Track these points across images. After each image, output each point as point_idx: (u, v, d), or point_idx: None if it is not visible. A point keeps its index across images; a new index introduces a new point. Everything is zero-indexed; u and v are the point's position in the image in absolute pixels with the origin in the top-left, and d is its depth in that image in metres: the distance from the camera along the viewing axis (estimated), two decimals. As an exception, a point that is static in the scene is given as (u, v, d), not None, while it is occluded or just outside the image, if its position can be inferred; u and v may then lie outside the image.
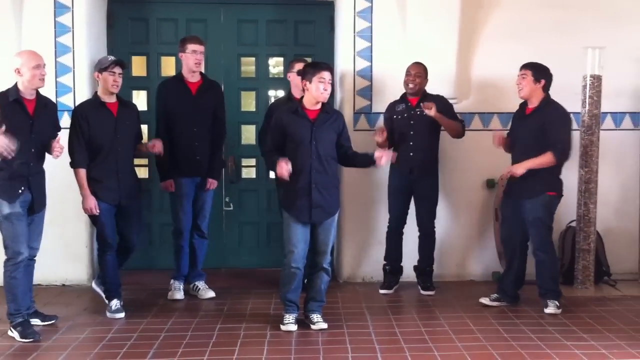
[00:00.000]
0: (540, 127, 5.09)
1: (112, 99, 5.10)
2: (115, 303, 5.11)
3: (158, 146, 5.17)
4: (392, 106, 5.75)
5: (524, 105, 5.27)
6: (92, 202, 4.97)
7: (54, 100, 5.39)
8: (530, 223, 5.17)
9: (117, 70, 5.02)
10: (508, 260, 5.44)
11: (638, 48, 5.90)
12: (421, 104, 5.53)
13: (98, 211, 5.00)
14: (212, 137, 5.54)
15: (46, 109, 4.78)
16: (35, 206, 4.70)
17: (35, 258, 4.82)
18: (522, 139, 5.19)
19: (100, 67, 5.01)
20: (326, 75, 4.67)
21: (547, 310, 5.15)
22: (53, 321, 4.90)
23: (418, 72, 5.61)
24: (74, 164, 4.97)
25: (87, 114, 5.01)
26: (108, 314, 5.08)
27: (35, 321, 4.82)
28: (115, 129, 5.05)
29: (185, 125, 5.45)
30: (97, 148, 5.00)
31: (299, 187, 4.71)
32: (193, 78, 5.52)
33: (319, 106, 4.74)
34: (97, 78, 5.05)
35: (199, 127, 5.47)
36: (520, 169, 5.07)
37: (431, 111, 5.45)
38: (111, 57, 5.09)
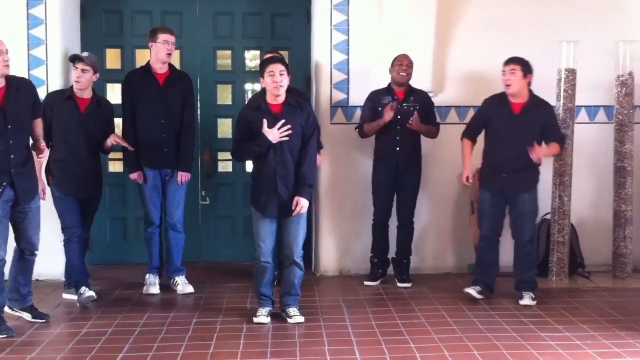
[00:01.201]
0: (538, 124, 5.17)
1: (85, 94, 5.07)
2: (84, 288, 5.12)
3: (113, 140, 5.20)
4: (377, 97, 5.71)
5: (503, 100, 5.25)
6: (40, 186, 4.95)
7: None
8: (526, 214, 5.25)
9: (80, 65, 5.01)
10: (485, 254, 5.43)
11: (612, 42, 5.94)
12: (398, 118, 5.52)
13: (45, 197, 5.06)
14: (180, 127, 5.49)
15: (18, 93, 4.49)
16: (21, 199, 4.56)
17: (36, 252, 4.78)
18: (518, 136, 5.13)
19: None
20: (274, 67, 4.62)
21: (522, 302, 5.19)
22: (44, 320, 4.81)
23: (409, 63, 5.61)
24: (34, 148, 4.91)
25: (52, 103, 5.07)
26: (80, 299, 5.09)
27: (26, 315, 4.78)
28: (79, 125, 5.05)
29: (152, 116, 5.41)
30: (56, 139, 5.05)
31: (264, 182, 4.71)
32: (161, 69, 5.47)
33: (281, 99, 4.70)
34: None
35: (167, 119, 5.42)
36: (543, 153, 5.17)
37: (414, 125, 5.50)
38: (85, 53, 5.09)
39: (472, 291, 5.32)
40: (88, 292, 5.11)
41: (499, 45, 5.91)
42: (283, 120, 4.60)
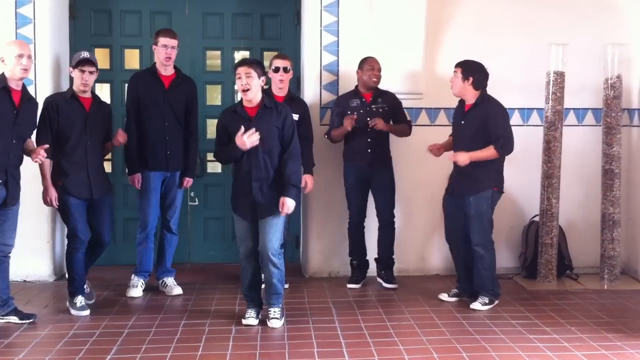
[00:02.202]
0: (480, 123, 5.13)
1: (86, 95, 5.06)
2: (80, 300, 5.03)
3: (122, 136, 5.14)
4: (344, 101, 5.73)
5: (462, 102, 5.31)
6: (52, 194, 4.92)
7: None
8: (472, 217, 5.18)
9: (87, 68, 4.97)
10: (454, 256, 5.47)
11: (600, 45, 5.97)
12: (368, 121, 5.54)
13: (57, 204, 4.95)
14: (184, 134, 5.50)
15: (30, 103, 4.76)
16: (9, 200, 4.60)
17: (9, 255, 4.75)
18: (463, 136, 5.22)
19: (73, 63, 5.01)
20: (240, 70, 4.61)
21: (472, 305, 5.16)
22: (31, 320, 4.78)
23: (379, 67, 5.64)
24: None
25: (57, 105, 4.99)
26: (73, 312, 5.00)
27: (13, 319, 4.75)
28: (86, 124, 5.00)
29: (156, 118, 5.40)
30: (65, 140, 4.96)
31: (239, 184, 4.73)
32: (166, 71, 5.46)
33: (256, 102, 4.69)
34: (71, 73, 5.06)
35: (170, 122, 5.42)
36: (465, 157, 5.08)
37: (380, 127, 5.51)
38: (84, 54, 5.03)
39: (444, 295, 5.40)
40: (83, 311, 4.98)
41: (488, 47, 5.95)
42: (253, 129, 4.59)
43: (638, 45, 6.13)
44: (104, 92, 6.43)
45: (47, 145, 4.73)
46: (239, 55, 6.58)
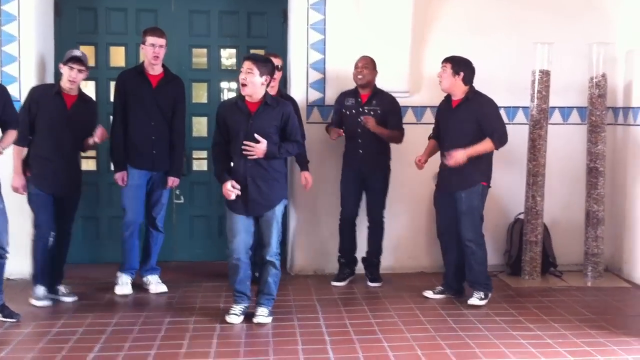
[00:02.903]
0: (472, 119, 5.15)
1: (72, 92, 5.05)
2: (40, 289, 5.10)
3: (99, 136, 5.14)
4: (342, 98, 5.76)
5: (449, 98, 5.32)
6: (19, 182, 4.98)
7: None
8: (464, 213, 5.19)
9: (76, 66, 4.97)
10: (444, 253, 5.49)
11: (585, 44, 6.00)
12: (360, 118, 5.55)
13: (25, 193, 5.02)
14: (171, 133, 5.48)
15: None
16: None
17: (7, 255, 4.76)
18: (452, 132, 5.23)
19: (64, 60, 5.02)
20: (244, 64, 4.64)
21: (470, 301, 5.18)
22: (15, 320, 4.75)
23: (365, 64, 5.63)
24: (15, 141, 4.88)
25: (39, 98, 5.02)
26: (32, 301, 5.05)
27: None
28: (63, 121, 4.99)
29: (142, 118, 5.38)
30: (39, 133, 4.99)
31: (235, 180, 4.71)
32: (154, 71, 5.44)
33: (257, 98, 4.69)
34: (61, 69, 5.06)
35: (157, 121, 5.41)
36: (462, 155, 5.07)
37: (369, 125, 5.51)
38: (76, 52, 5.05)
39: (428, 293, 5.42)
40: (41, 302, 5.07)
41: (474, 46, 5.96)
42: (238, 191, 4.65)
43: (622, 45, 6.16)
44: (89, 90, 6.38)
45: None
46: (226, 53, 6.58)
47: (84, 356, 4.13)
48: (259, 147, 4.61)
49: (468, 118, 5.17)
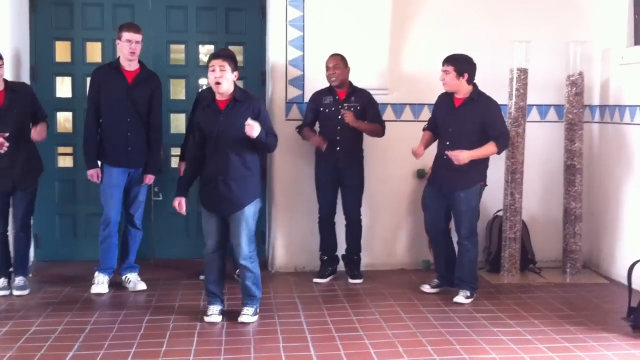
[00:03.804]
0: (477, 119, 5.14)
1: None
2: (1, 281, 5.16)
3: (36, 133, 5.11)
4: (318, 97, 5.73)
5: (450, 95, 5.30)
6: None
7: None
8: (463, 213, 5.21)
9: None
10: (434, 248, 5.54)
11: (562, 42, 6.04)
12: (341, 111, 5.54)
13: None
14: (146, 130, 5.43)
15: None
16: None
17: None
18: (456, 131, 5.21)
19: None
20: (215, 62, 4.57)
21: (455, 299, 5.19)
22: None
23: (336, 64, 5.61)
24: None
25: None
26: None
27: None
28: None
29: (118, 114, 5.33)
30: None
31: (206, 179, 4.69)
32: (130, 67, 5.38)
33: (227, 95, 4.65)
34: None
35: (132, 118, 5.35)
36: (466, 158, 5.06)
37: (348, 119, 5.50)
38: None
39: (426, 287, 5.41)
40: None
41: (453, 43, 5.95)
42: (183, 212, 4.74)
43: (599, 43, 6.22)
44: (65, 86, 6.33)
45: (7, 134, 4.76)
46: (204, 50, 6.53)
47: (63, 355, 4.07)
48: (253, 126, 4.51)
49: (473, 119, 5.15)
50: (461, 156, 5.06)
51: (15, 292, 5.20)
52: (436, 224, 5.39)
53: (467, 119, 5.17)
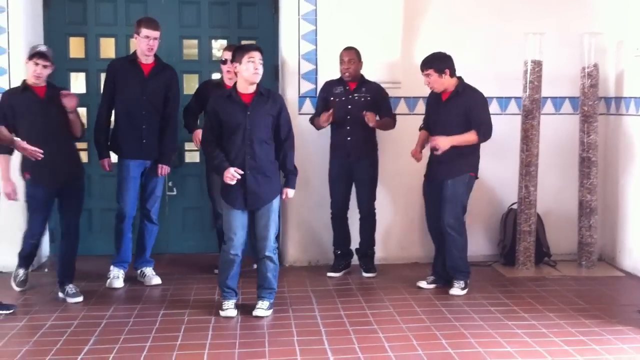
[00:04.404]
0: (462, 111, 5.16)
1: (40, 84, 4.97)
2: (21, 272, 5.17)
3: (69, 99, 4.96)
4: (329, 87, 5.73)
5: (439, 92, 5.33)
6: (10, 187, 4.92)
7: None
8: (447, 200, 5.21)
9: (41, 62, 4.87)
10: (435, 243, 5.51)
11: (576, 34, 6.00)
12: (364, 114, 5.50)
13: (17, 198, 4.95)
14: (161, 123, 5.45)
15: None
16: None
17: None
18: (443, 123, 5.24)
19: (28, 55, 4.94)
20: (256, 55, 4.58)
21: (451, 292, 5.21)
22: (11, 311, 4.74)
23: (351, 58, 5.60)
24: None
25: (11, 102, 4.93)
26: (13, 285, 5.16)
27: None
28: (42, 111, 4.91)
29: (133, 106, 5.35)
30: (25, 132, 4.84)
31: None
32: (146, 60, 5.40)
33: (253, 89, 4.65)
34: (25, 64, 4.96)
35: (148, 110, 5.37)
36: (446, 142, 5.10)
37: (371, 123, 5.49)
38: (40, 47, 4.96)
39: (422, 283, 5.42)
40: (20, 287, 5.23)
41: (466, 36, 5.97)
42: (239, 176, 4.58)
43: (612, 35, 6.16)
44: (79, 82, 6.36)
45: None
46: (217, 45, 6.54)
47: (79, 349, 4.10)
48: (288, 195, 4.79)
49: (458, 111, 5.18)
50: (441, 141, 5.10)
51: (70, 300, 5.04)
52: (434, 218, 5.38)
53: (452, 112, 5.21)
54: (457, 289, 5.22)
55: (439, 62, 5.18)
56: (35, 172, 4.87)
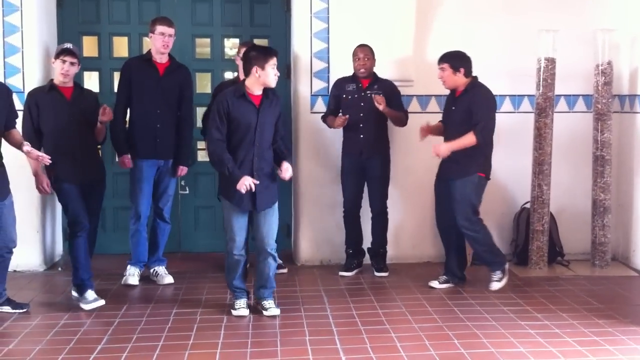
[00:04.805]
0: (466, 108, 5.16)
1: (68, 84, 4.98)
2: (90, 293, 4.90)
3: (106, 114, 4.99)
4: (342, 84, 5.72)
5: (454, 91, 5.32)
6: (44, 179, 4.95)
7: (2, 81, 5.26)
8: (457, 201, 5.20)
9: (69, 59, 4.89)
10: (444, 242, 5.51)
11: (590, 31, 5.95)
12: (372, 96, 5.52)
13: (50, 190, 4.96)
14: (178, 121, 5.47)
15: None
16: None
17: (14, 249, 4.74)
18: (452, 122, 5.27)
19: (55, 53, 4.95)
20: (276, 60, 4.60)
21: (490, 287, 5.24)
22: (25, 309, 4.78)
23: (366, 55, 5.60)
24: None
25: (37, 100, 4.95)
26: (84, 306, 4.83)
27: (6, 308, 4.74)
28: (68, 112, 4.93)
29: (148, 105, 5.37)
30: (50, 131, 4.90)
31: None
32: (161, 59, 5.42)
33: (261, 91, 4.65)
34: (53, 64, 4.99)
35: (162, 109, 5.39)
36: (445, 150, 5.13)
37: (380, 106, 5.48)
38: (67, 45, 4.98)
39: (434, 283, 5.41)
40: (97, 302, 4.87)
41: (478, 34, 5.94)
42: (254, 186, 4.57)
43: (626, 31, 6.11)
44: (92, 81, 6.38)
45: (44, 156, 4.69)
46: (229, 43, 6.54)
47: (92, 348, 4.12)
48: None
49: (463, 108, 5.18)
50: (440, 149, 5.13)
51: (85, 307, 4.92)
52: (443, 216, 5.38)
53: (458, 110, 5.21)
54: (494, 283, 5.25)
55: (456, 60, 5.18)
56: (59, 169, 4.90)
